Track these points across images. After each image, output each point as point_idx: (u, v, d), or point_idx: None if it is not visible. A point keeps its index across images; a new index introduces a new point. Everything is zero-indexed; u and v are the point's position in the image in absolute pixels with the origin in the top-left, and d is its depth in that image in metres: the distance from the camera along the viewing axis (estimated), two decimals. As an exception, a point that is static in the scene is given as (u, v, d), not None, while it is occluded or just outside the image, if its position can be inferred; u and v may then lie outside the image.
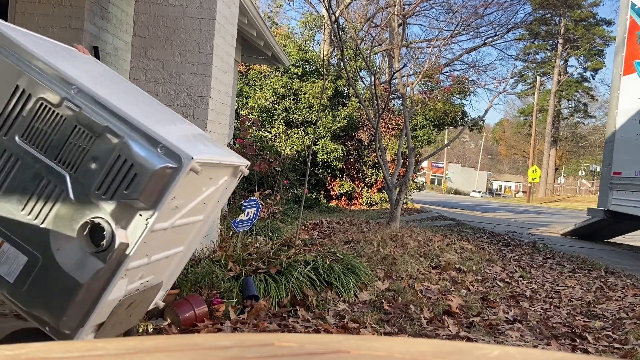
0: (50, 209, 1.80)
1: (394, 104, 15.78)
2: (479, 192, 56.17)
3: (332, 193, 14.23)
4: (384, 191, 12.70)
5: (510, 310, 4.04)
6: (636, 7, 8.98)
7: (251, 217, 4.36)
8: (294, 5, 72.64)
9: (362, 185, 14.28)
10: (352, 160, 14.19)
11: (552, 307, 4.28)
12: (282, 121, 13.79)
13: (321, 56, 15.85)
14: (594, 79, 44.78)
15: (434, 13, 28.32)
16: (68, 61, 2.10)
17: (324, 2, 10.29)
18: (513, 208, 25.22)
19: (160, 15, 4.29)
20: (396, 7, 12.90)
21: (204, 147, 2.26)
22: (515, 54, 39.22)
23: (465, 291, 4.53)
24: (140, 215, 1.77)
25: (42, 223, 1.80)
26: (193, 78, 4.26)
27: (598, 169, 38.88)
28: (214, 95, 4.36)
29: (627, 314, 4.21)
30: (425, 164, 32.15)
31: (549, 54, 42.86)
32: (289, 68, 13.70)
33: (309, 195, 12.82)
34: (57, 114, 1.82)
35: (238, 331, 3.05)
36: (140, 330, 2.95)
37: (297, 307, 3.47)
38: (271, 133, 13.72)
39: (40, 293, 1.80)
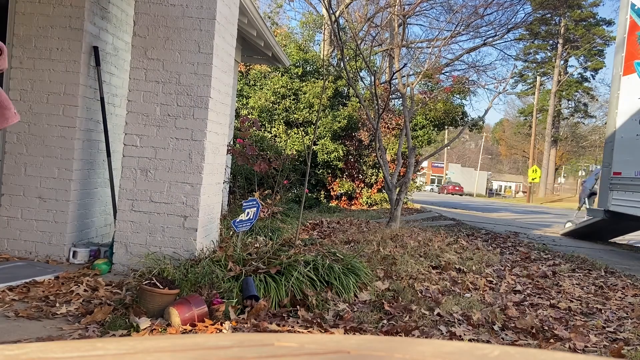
0: None
1: (394, 104, 15.78)
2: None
3: (332, 193, 14.22)
4: (384, 191, 12.70)
5: (510, 310, 4.04)
6: (636, 7, 8.97)
7: (251, 217, 4.36)
8: (294, 5, 72.65)
9: (362, 185, 14.28)
10: (352, 160, 14.19)
11: (552, 306, 4.28)
12: (282, 121, 13.78)
13: (321, 56, 15.85)
14: (594, 79, 44.90)
15: (434, 13, 28.38)
16: None
17: (324, 2, 10.29)
18: (513, 208, 25.23)
19: (160, 15, 4.29)
20: (396, 7, 12.89)
21: None
22: (515, 54, 39.34)
23: (465, 292, 4.53)
24: None
25: None
26: (193, 78, 4.26)
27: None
28: (214, 95, 4.36)
29: (627, 314, 4.22)
30: (425, 164, 32.13)
31: (549, 54, 42.92)
32: (289, 68, 13.70)
33: (309, 195, 12.82)
34: None
35: (238, 331, 3.05)
36: (140, 330, 2.95)
37: (297, 307, 3.46)
38: (271, 133, 13.71)
39: None
